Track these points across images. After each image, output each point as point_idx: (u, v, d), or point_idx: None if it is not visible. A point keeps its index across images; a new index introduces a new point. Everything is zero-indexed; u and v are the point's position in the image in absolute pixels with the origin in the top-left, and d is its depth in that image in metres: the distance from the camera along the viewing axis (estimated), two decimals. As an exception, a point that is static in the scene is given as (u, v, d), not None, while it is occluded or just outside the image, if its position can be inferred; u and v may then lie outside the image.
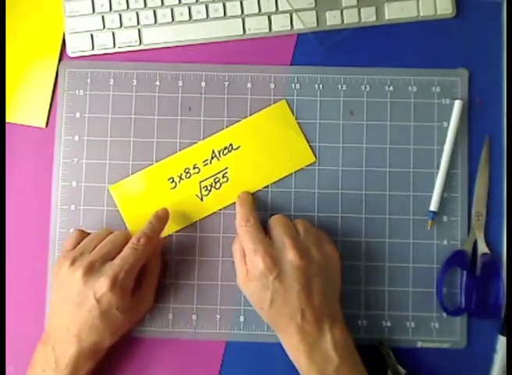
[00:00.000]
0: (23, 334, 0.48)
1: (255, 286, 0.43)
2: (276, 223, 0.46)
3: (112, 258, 0.44)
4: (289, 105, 0.51)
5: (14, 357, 0.48)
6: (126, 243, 0.45)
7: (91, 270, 0.43)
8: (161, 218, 0.48)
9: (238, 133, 0.50)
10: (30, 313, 0.49)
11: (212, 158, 0.50)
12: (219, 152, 0.50)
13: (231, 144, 0.50)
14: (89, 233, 0.47)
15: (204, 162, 0.50)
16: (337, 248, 0.46)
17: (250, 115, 0.51)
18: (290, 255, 0.43)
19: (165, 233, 0.49)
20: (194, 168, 0.50)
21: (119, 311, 0.43)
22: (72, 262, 0.44)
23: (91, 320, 0.43)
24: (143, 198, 0.50)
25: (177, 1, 0.51)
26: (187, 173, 0.50)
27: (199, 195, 0.50)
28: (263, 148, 0.50)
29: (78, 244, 0.46)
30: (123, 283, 0.43)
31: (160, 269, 0.48)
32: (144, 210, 0.50)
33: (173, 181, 0.50)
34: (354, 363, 0.43)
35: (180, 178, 0.50)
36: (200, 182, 0.50)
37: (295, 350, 0.43)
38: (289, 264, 0.43)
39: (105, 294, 0.42)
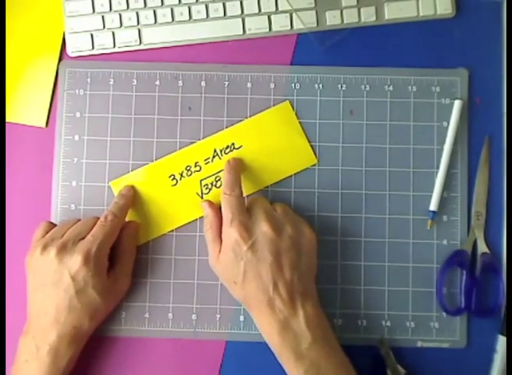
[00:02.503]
0: (22, 334, 0.49)
1: (229, 258, 0.44)
2: (254, 202, 0.46)
3: (84, 238, 0.45)
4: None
5: (14, 357, 0.48)
6: None
7: (65, 249, 0.44)
8: (125, 195, 0.49)
9: (240, 133, 0.50)
10: (30, 313, 0.49)
11: (214, 156, 0.50)
12: (221, 151, 0.50)
13: (233, 144, 0.50)
14: (56, 225, 0.49)
15: (205, 160, 0.50)
16: (315, 233, 0.46)
17: (250, 115, 0.51)
18: (264, 227, 0.43)
19: (164, 230, 0.49)
20: (195, 166, 0.50)
21: (95, 290, 0.44)
22: (44, 247, 0.45)
23: (68, 301, 0.43)
24: (143, 194, 0.50)
25: (177, 1, 0.51)
26: (188, 170, 0.50)
27: (199, 193, 0.50)
28: (265, 148, 0.50)
29: (46, 234, 0.47)
30: (96, 258, 0.44)
31: (135, 252, 0.49)
32: (145, 206, 0.50)
33: (174, 178, 0.50)
34: (328, 340, 0.43)
35: (181, 175, 0.50)
36: (201, 180, 0.50)
37: (268, 326, 0.43)
38: (263, 235, 0.43)
39: (80, 270, 0.43)
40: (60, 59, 0.51)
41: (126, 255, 0.48)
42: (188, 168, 0.50)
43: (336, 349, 0.43)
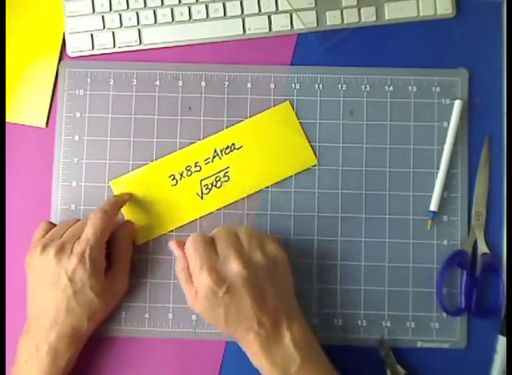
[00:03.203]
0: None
1: (206, 305, 0.42)
2: (219, 235, 0.44)
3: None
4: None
5: (14, 357, 0.48)
6: None
7: (63, 249, 0.44)
8: (119, 195, 0.49)
9: (241, 133, 0.50)
10: (30, 313, 0.49)
11: (214, 156, 0.50)
12: (221, 151, 0.50)
13: (233, 144, 0.50)
14: (55, 225, 0.48)
15: (205, 160, 0.50)
16: (281, 245, 0.45)
17: (250, 115, 0.51)
18: (235, 266, 0.42)
19: (164, 230, 0.50)
20: (196, 166, 0.50)
21: (93, 291, 0.44)
22: (44, 248, 0.45)
23: (67, 302, 0.43)
24: (143, 193, 0.50)
25: (177, 1, 0.51)
26: (188, 170, 0.50)
27: (199, 194, 0.50)
28: (265, 148, 0.50)
29: (46, 234, 0.47)
30: (92, 258, 0.44)
31: (131, 252, 0.49)
32: (145, 206, 0.50)
33: (174, 178, 0.50)
34: (317, 359, 0.43)
35: (181, 175, 0.50)
36: (201, 180, 0.50)
37: (256, 356, 0.42)
38: (236, 276, 0.42)
39: (76, 270, 0.43)
40: (60, 59, 0.51)
41: (122, 255, 0.48)
42: (188, 168, 0.50)
43: (325, 366, 0.43)
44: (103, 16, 0.51)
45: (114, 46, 0.51)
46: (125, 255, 0.48)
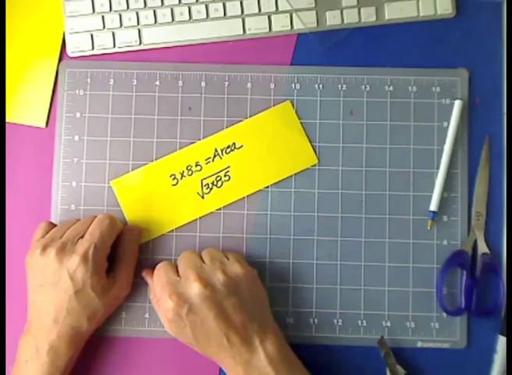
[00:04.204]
0: (22, 334, 0.49)
1: (174, 327, 0.44)
2: (181, 259, 0.46)
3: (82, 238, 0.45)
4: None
5: (14, 357, 0.48)
6: None
7: (63, 249, 0.44)
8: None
9: (241, 133, 0.50)
10: (30, 313, 0.49)
11: (215, 156, 0.50)
12: (222, 151, 0.50)
13: (234, 143, 0.50)
14: (56, 225, 0.49)
15: (206, 160, 0.50)
16: (245, 261, 0.46)
17: (251, 115, 0.51)
18: (196, 287, 0.43)
19: (165, 230, 0.50)
20: (196, 165, 0.50)
21: (94, 291, 0.44)
22: (44, 248, 0.45)
23: (68, 301, 0.44)
24: (144, 193, 0.50)
25: (177, 1, 0.51)
26: (189, 170, 0.50)
27: (200, 193, 0.50)
28: (266, 147, 0.50)
29: (46, 234, 0.47)
30: (94, 258, 0.44)
31: (137, 257, 0.49)
32: (145, 206, 0.50)
33: (175, 178, 0.50)
34: (294, 373, 0.43)
35: (182, 175, 0.50)
36: (202, 180, 0.50)
37: (232, 373, 0.43)
38: (197, 296, 0.43)
39: (78, 270, 0.43)
40: (60, 59, 0.51)
41: (126, 260, 0.47)
42: (189, 167, 0.50)
43: None
44: (103, 16, 0.51)
45: (114, 46, 0.51)
46: (129, 260, 0.48)
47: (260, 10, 0.51)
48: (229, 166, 0.50)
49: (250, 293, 0.45)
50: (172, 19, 0.51)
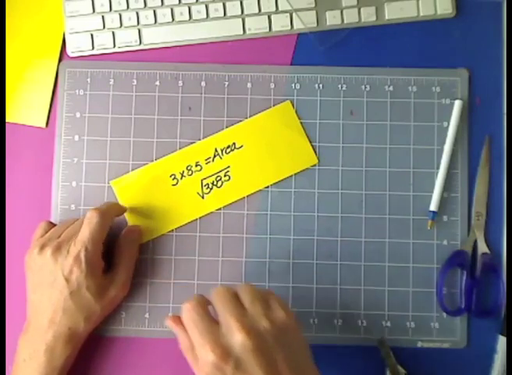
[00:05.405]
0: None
1: None
2: (217, 299, 0.40)
3: None
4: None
5: (14, 356, 0.48)
6: None
7: (59, 249, 0.44)
8: (117, 202, 0.50)
9: (241, 133, 0.50)
10: (30, 313, 0.49)
11: (215, 156, 0.50)
12: (222, 151, 0.50)
13: (234, 143, 0.50)
14: (55, 225, 0.49)
15: (206, 160, 0.50)
16: (286, 305, 0.42)
17: (251, 115, 0.51)
18: (240, 338, 0.37)
19: (165, 230, 0.49)
20: (196, 165, 0.50)
21: (89, 291, 0.44)
22: (42, 247, 0.45)
23: (63, 301, 0.44)
24: (144, 193, 0.50)
25: (177, 1, 0.51)
26: (189, 170, 0.50)
27: (200, 193, 0.50)
28: (266, 147, 0.50)
29: (46, 233, 0.47)
30: (87, 259, 0.44)
31: (136, 258, 0.48)
32: (145, 206, 0.50)
33: (175, 178, 0.50)
34: None
35: (182, 175, 0.50)
36: (202, 180, 0.50)
37: None
38: (243, 349, 0.37)
39: (72, 271, 0.43)
40: (60, 59, 0.51)
41: (125, 261, 0.47)
42: (189, 167, 0.50)
43: None
44: (103, 16, 0.51)
45: (114, 46, 0.51)
46: (128, 261, 0.48)
47: (260, 10, 0.51)
48: (229, 166, 0.50)
49: (295, 339, 0.40)
50: (172, 19, 0.51)
